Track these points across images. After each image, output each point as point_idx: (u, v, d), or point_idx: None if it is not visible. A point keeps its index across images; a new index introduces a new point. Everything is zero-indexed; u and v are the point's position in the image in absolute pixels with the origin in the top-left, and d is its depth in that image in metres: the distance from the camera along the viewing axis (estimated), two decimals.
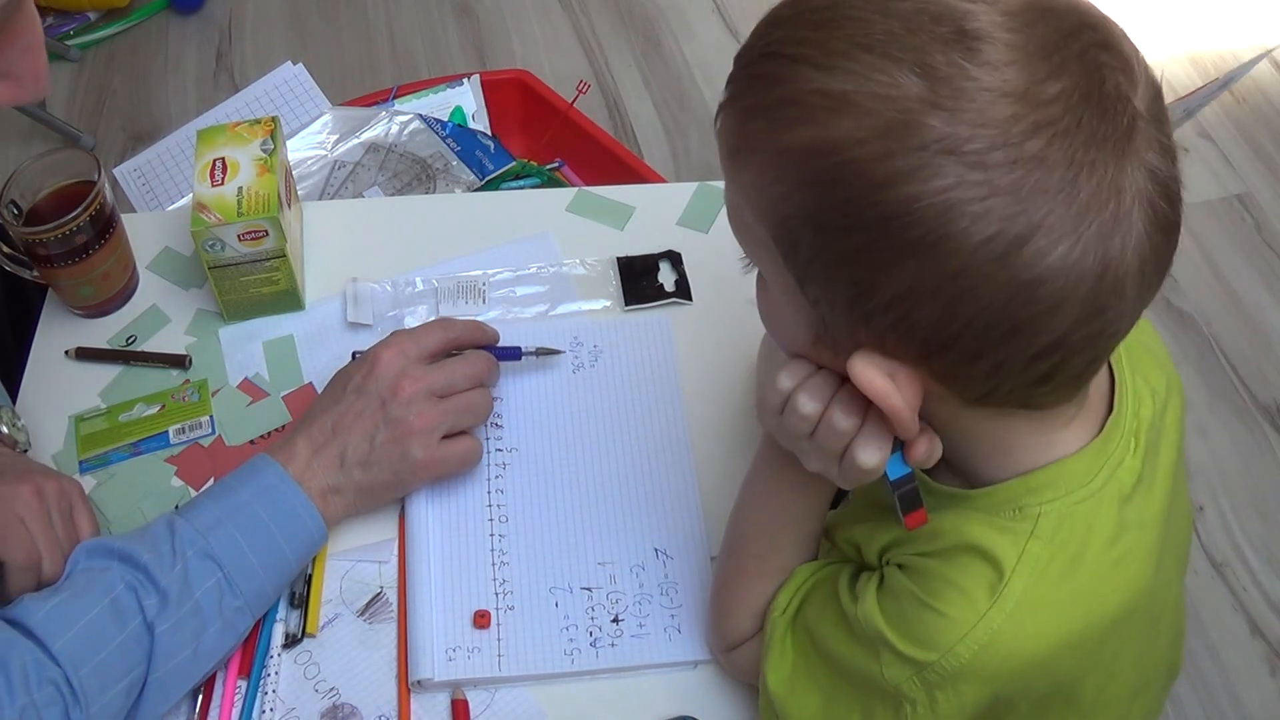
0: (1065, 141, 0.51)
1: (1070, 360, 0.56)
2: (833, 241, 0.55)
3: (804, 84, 0.53)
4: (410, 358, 0.89)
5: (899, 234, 0.52)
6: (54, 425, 0.97)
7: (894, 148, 0.51)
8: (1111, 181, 0.52)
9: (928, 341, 0.55)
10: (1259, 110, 2.21)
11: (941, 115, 0.50)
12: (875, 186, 0.52)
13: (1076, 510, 0.63)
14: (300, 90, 1.58)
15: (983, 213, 0.50)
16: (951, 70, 0.51)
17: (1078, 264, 0.52)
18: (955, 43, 0.51)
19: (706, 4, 2.43)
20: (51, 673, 0.72)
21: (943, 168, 0.50)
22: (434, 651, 0.83)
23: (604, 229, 1.09)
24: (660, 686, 0.83)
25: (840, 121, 0.52)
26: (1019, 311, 0.53)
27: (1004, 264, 0.51)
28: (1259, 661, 1.57)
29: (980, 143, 0.50)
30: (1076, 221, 0.51)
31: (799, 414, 0.62)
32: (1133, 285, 0.54)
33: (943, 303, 0.53)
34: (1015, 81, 0.51)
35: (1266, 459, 1.75)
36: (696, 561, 0.88)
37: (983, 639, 0.61)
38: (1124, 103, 0.52)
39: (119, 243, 1.01)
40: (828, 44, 0.53)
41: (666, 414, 0.96)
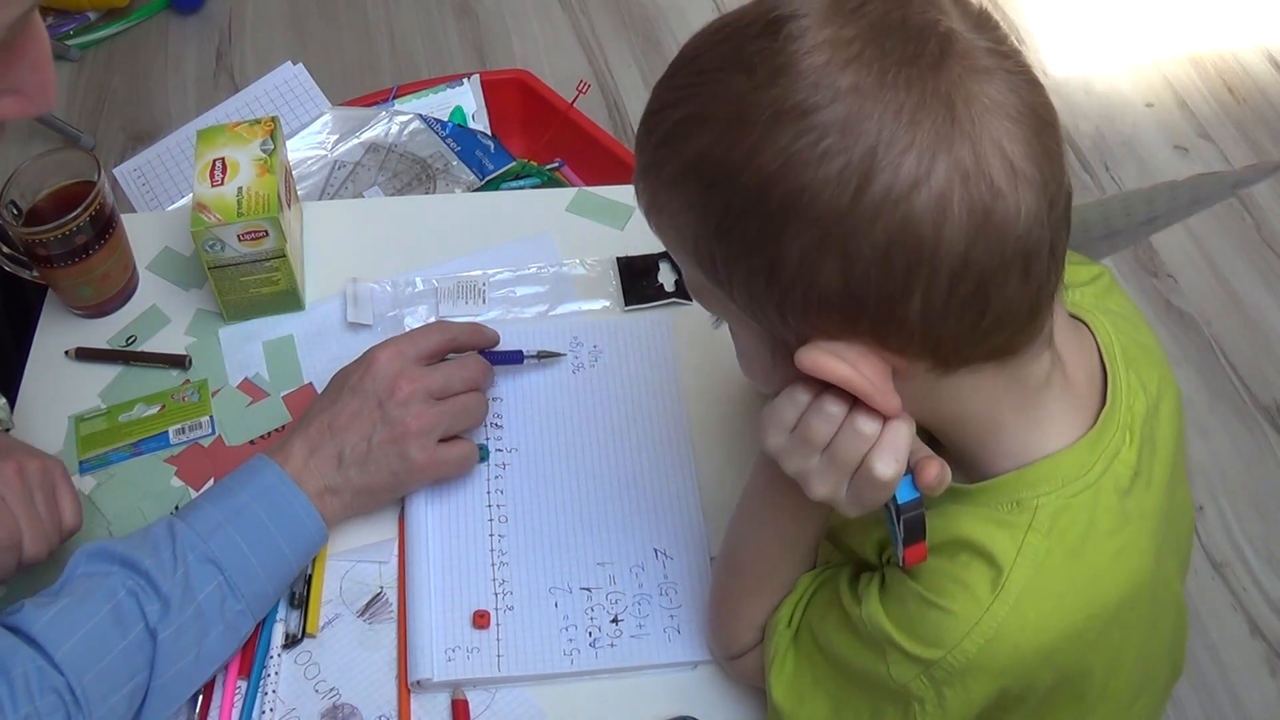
0: (874, 68, 0.54)
1: (991, 282, 0.56)
2: (729, 240, 0.58)
3: (666, 122, 0.60)
4: (408, 358, 0.89)
5: (766, 205, 0.55)
6: (54, 425, 0.97)
7: (735, 135, 0.56)
8: (933, 91, 0.53)
9: (844, 303, 0.57)
10: (1259, 110, 2.21)
11: (763, 90, 0.55)
12: (734, 174, 0.56)
13: (1074, 502, 0.63)
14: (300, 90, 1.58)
15: (823, 154, 0.53)
16: (764, 54, 0.56)
17: (931, 174, 0.53)
18: (761, 34, 0.56)
19: (706, 4, 2.43)
20: (54, 680, 0.72)
21: (777, 130, 0.54)
22: (433, 651, 0.83)
23: (604, 229, 1.09)
24: (660, 686, 0.83)
25: (695, 136, 0.58)
26: (904, 240, 0.54)
27: (863, 197, 0.53)
28: (1259, 661, 1.57)
29: (799, 95, 0.54)
30: (910, 133, 0.53)
31: (824, 414, 0.61)
32: (1005, 182, 0.54)
33: (834, 257, 0.55)
34: (816, 38, 0.55)
35: (1266, 459, 1.75)
36: (696, 562, 0.88)
37: (988, 633, 0.62)
38: (930, 26, 0.55)
39: (119, 243, 1.01)
40: (675, 83, 0.60)
41: (666, 414, 0.96)
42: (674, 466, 0.93)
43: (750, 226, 0.57)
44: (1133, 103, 2.22)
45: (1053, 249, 0.57)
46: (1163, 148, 2.15)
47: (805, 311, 0.58)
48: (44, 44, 0.61)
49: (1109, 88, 2.25)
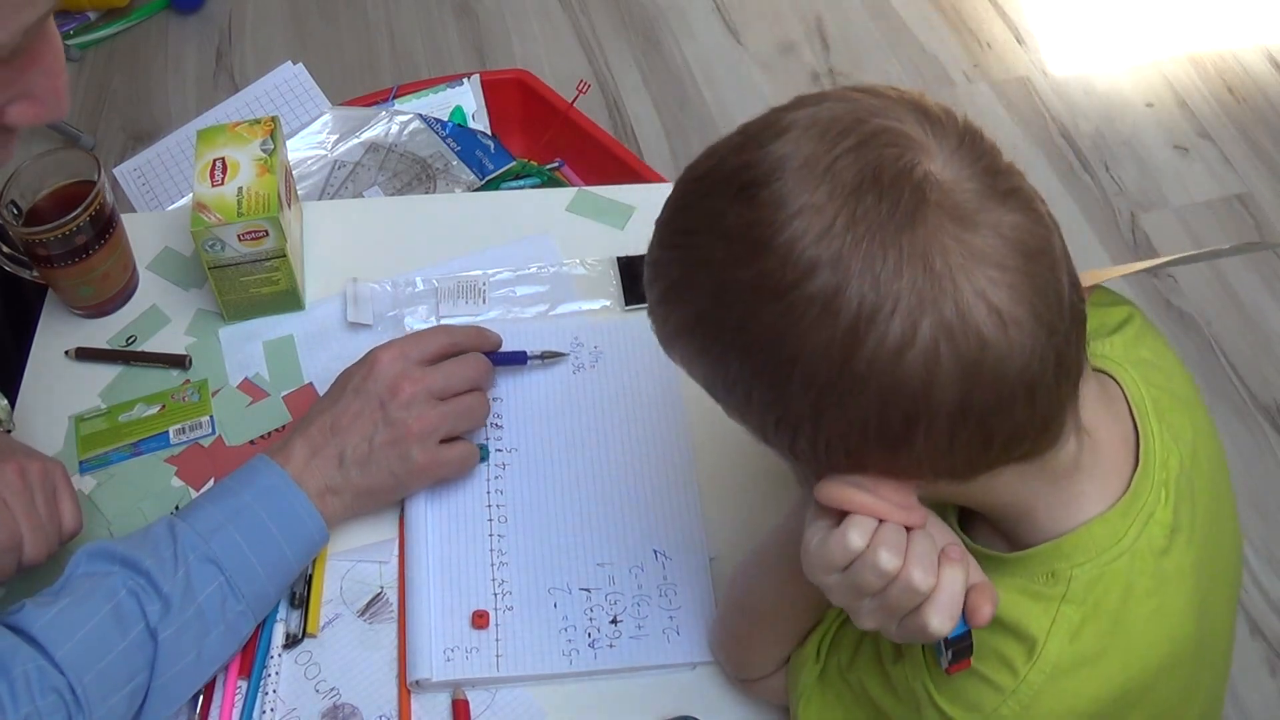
0: (848, 236, 0.53)
1: (994, 418, 0.56)
2: (736, 393, 0.61)
3: (661, 282, 0.62)
4: (410, 360, 0.89)
5: (761, 372, 0.57)
6: (54, 425, 0.97)
7: (722, 308, 0.58)
8: (911, 251, 0.53)
9: (850, 448, 0.58)
10: (1259, 110, 2.21)
11: (743, 266, 0.56)
12: (729, 340, 0.58)
13: (1109, 570, 0.63)
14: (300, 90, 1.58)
15: (808, 327, 0.54)
16: (740, 224, 0.56)
17: (917, 336, 0.53)
18: (737, 198, 0.57)
19: (706, 4, 2.43)
20: (54, 680, 0.72)
21: (760, 306, 0.56)
22: (432, 651, 0.83)
23: (604, 229, 1.09)
24: (661, 686, 0.83)
25: (684, 304, 0.60)
26: (897, 400, 0.55)
27: (852, 363, 0.54)
28: (1259, 661, 1.57)
29: (779, 273, 0.54)
30: (893, 301, 0.53)
31: (878, 570, 0.59)
32: (994, 332, 0.54)
33: (833, 415, 0.56)
34: (792, 206, 0.54)
35: (1266, 459, 1.75)
36: (695, 563, 0.88)
37: (1024, 700, 0.62)
38: (905, 174, 0.54)
39: (119, 243, 1.01)
40: (667, 240, 0.62)
41: (666, 415, 0.95)
42: (674, 467, 0.93)
43: (755, 384, 0.58)
44: (1133, 103, 2.23)
45: (1061, 364, 0.57)
46: (1163, 148, 2.15)
47: (814, 454, 0.59)
48: (58, 50, 0.61)
49: (1109, 88, 2.25)
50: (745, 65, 2.30)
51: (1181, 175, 2.10)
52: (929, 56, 2.33)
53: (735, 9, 2.41)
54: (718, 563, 0.88)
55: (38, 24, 0.56)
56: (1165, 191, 2.08)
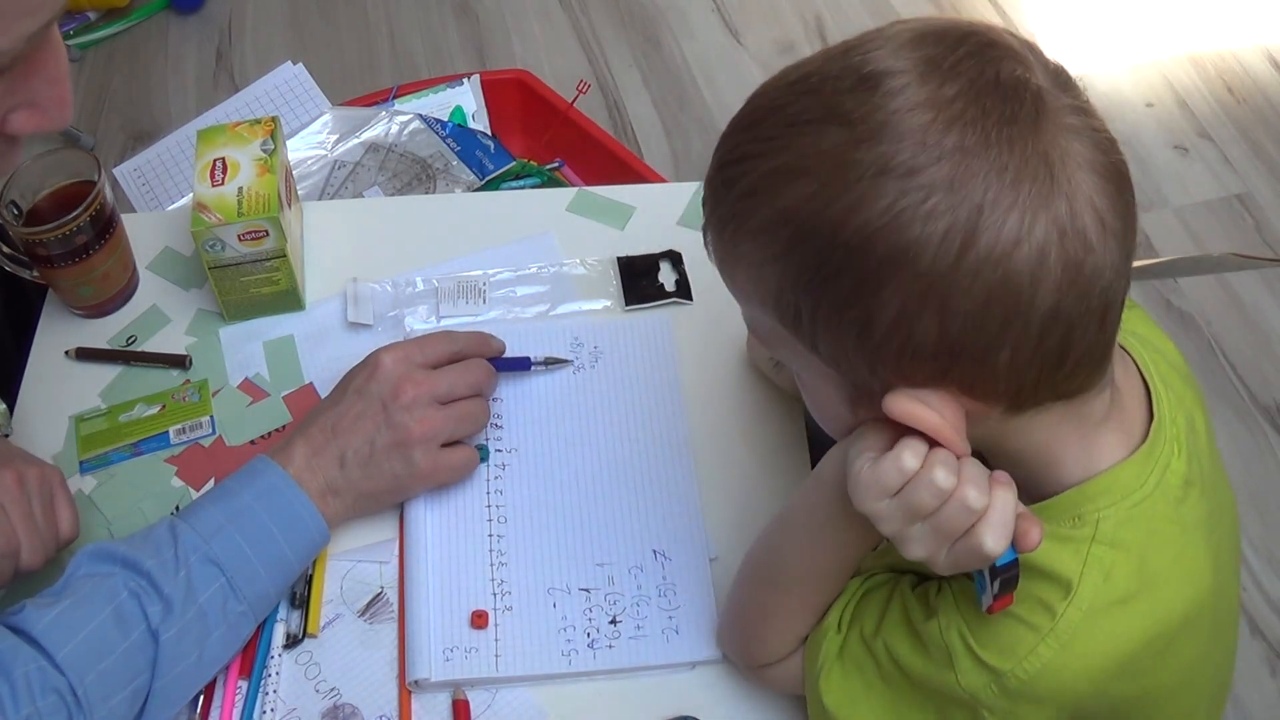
0: (978, 128, 0.55)
1: (1075, 331, 0.58)
2: (821, 294, 0.59)
3: (752, 173, 0.60)
4: (414, 363, 0.89)
5: (866, 261, 0.56)
6: (54, 425, 0.97)
7: (835, 189, 0.56)
8: (1034, 151, 0.55)
9: (938, 355, 0.58)
10: (1259, 110, 2.21)
11: (865, 146, 0.55)
12: (833, 229, 0.56)
13: (1134, 513, 0.64)
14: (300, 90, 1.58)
15: (929, 213, 0.54)
16: (862, 109, 0.56)
17: (1032, 232, 0.55)
18: (857, 88, 0.57)
19: (706, 4, 2.43)
20: (55, 681, 0.72)
21: (881, 187, 0.55)
22: (431, 651, 0.83)
23: (604, 229, 1.09)
24: (661, 686, 0.83)
25: (788, 188, 0.58)
26: (1002, 296, 0.55)
27: (967, 254, 0.55)
28: (1259, 661, 1.57)
29: (905, 154, 0.55)
30: (1014, 193, 0.54)
31: (934, 488, 0.60)
32: (1096, 236, 0.56)
33: (933, 312, 0.56)
34: (917, 95, 0.56)
35: (1266, 459, 1.75)
36: (695, 563, 0.88)
37: (1063, 639, 0.62)
38: (1022, 84, 0.56)
39: (119, 243, 1.01)
40: (760, 134, 0.60)
41: (666, 415, 0.96)
42: (673, 467, 0.93)
43: (846, 281, 0.57)
44: (1133, 103, 2.22)
45: (1125, 291, 0.60)
46: (1163, 148, 2.15)
47: (897, 363, 0.59)
48: (62, 58, 0.60)
49: (1109, 88, 2.25)
50: (745, 65, 2.30)
51: (1181, 175, 2.10)
52: None
53: (735, 9, 2.41)
54: (718, 563, 0.87)
55: (40, 32, 0.56)
56: (1165, 191, 2.08)
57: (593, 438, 0.94)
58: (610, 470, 0.92)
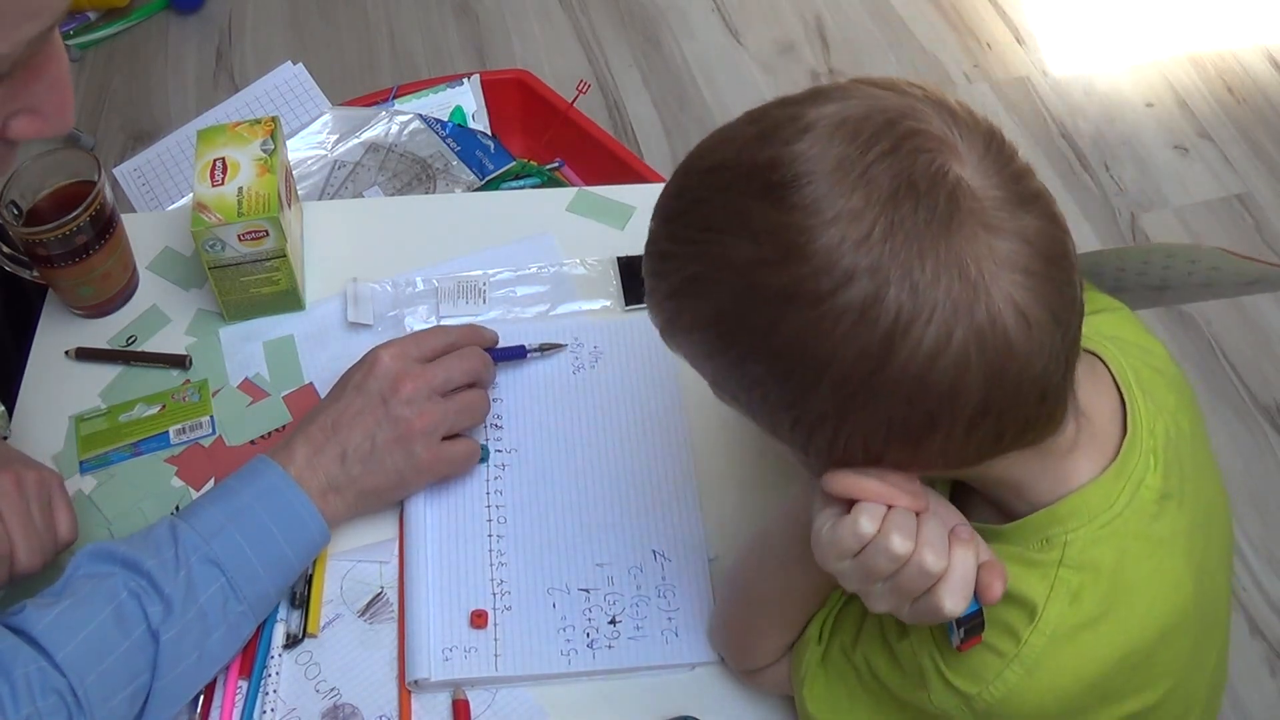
0: (889, 243, 0.53)
1: (1009, 414, 0.57)
2: (752, 393, 0.60)
3: (673, 275, 0.60)
4: (410, 357, 0.89)
5: (785, 374, 0.57)
6: (54, 425, 0.97)
7: (746, 306, 0.57)
8: (948, 257, 0.53)
9: (869, 449, 0.59)
10: (1259, 110, 2.21)
11: (775, 270, 0.55)
12: (750, 341, 0.57)
13: (1104, 533, 0.63)
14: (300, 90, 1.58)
15: (842, 335, 0.54)
16: (770, 227, 0.55)
17: (951, 342, 0.54)
18: (765, 196, 0.55)
19: (706, 4, 2.43)
20: (55, 682, 0.72)
21: (793, 311, 0.55)
22: (431, 651, 0.83)
23: (604, 229, 1.09)
24: (661, 686, 0.83)
25: (705, 298, 0.59)
26: (925, 400, 0.55)
27: (885, 369, 0.54)
28: (1259, 661, 1.57)
29: (811, 282, 0.54)
30: (929, 306, 0.53)
31: (890, 554, 0.60)
32: (1020, 334, 0.55)
33: (859, 411, 0.57)
34: (827, 211, 0.54)
35: (1266, 459, 1.75)
36: (695, 564, 0.88)
37: (1028, 664, 0.62)
38: (939, 182, 0.54)
39: (119, 243, 1.01)
40: (678, 232, 0.60)
41: (666, 415, 0.95)
42: (673, 468, 0.93)
43: (775, 385, 0.58)
44: (1133, 103, 2.22)
45: (1069, 358, 0.59)
46: (1163, 148, 2.15)
47: (830, 450, 0.60)
48: (63, 64, 0.60)
49: (1109, 88, 2.25)
50: (745, 65, 2.30)
51: (1181, 175, 2.10)
52: (929, 56, 2.33)
53: (735, 9, 2.41)
54: (717, 563, 0.87)
55: (41, 37, 0.55)
56: (1165, 191, 2.08)
57: (592, 438, 0.94)
58: (610, 471, 0.92)
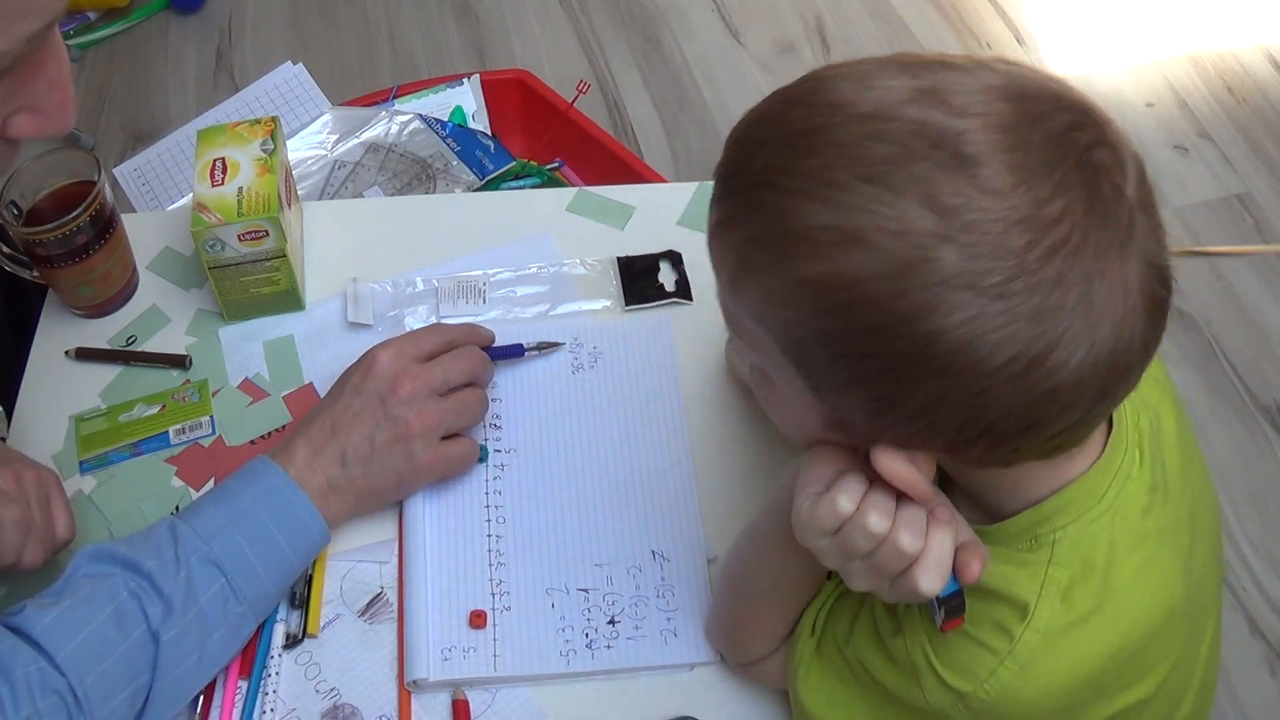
0: (1077, 259, 0.52)
1: (1080, 430, 0.59)
2: (852, 364, 0.56)
3: (809, 219, 0.54)
4: (408, 357, 0.89)
5: (920, 362, 0.53)
6: (54, 425, 0.97)
7: (911, 284, 0.52)
8: (1119, 282, 0.53)
9: (951, 442, 0.57)
10: (1259, 110, 2.21)
11: (954, 249, 0.51)
12: (895, 320, 0.52)
13: (1092, 529, 0.64)
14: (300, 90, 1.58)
15: (1005, 339, 0.52)
16: (958, 200, 0.51)
17: (1094, 364, 0.54)
18: (956, 169, 0.51)
19: (706, 4, 2.43)
20: (55, 682, 0.72)
21: (963, 301, 0.51)
22: (429, 651, 0.83)
23: (604, 229, 1.09)
24: (662, 687, 0.83)
25: (853, 257, 0.53)
26: (1039, 412, 0.55)
27: (1025, 379, 0.53)
28: (1259, 661, 1.57)
29: (998, 275, 0.51)
30: (1093, 331, 0.53)
31: (867, 533, 0.60)
32: (1137, 364, 0.57)
33: (965, 413, 0.55)
34: (1022, 207, 0.51)
35: (1266, 459, 1.75)
36: (694, 564, 0.88)
37: (1022, 662, 0.62)
38: (1121, 201, 0.53)
39: (119, 243, 1.01)
40: (824, 175, 0.54)
41: (666, 415, 0.95)
42: (672, 468, 0.93)
43: (885, 365, 0.55)
44: (1133, 103, 2.22)
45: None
46: (1163, 148, 2.14)
47: (901, 433, 0.58)
48: (63, 61, 0.59)
49: (1109, 88, 2.25)
50: (745, 65, 2.30)
51: (1181, 175, 2.10)
52: None
53: (735, 9, 2.41)
54: (716, 564, 0.87)
55: (40, 34, 0.55)
56: (1165, 191, 2.07)
57: (591, 438, 0.94)
58: (609, 471, 0.92)
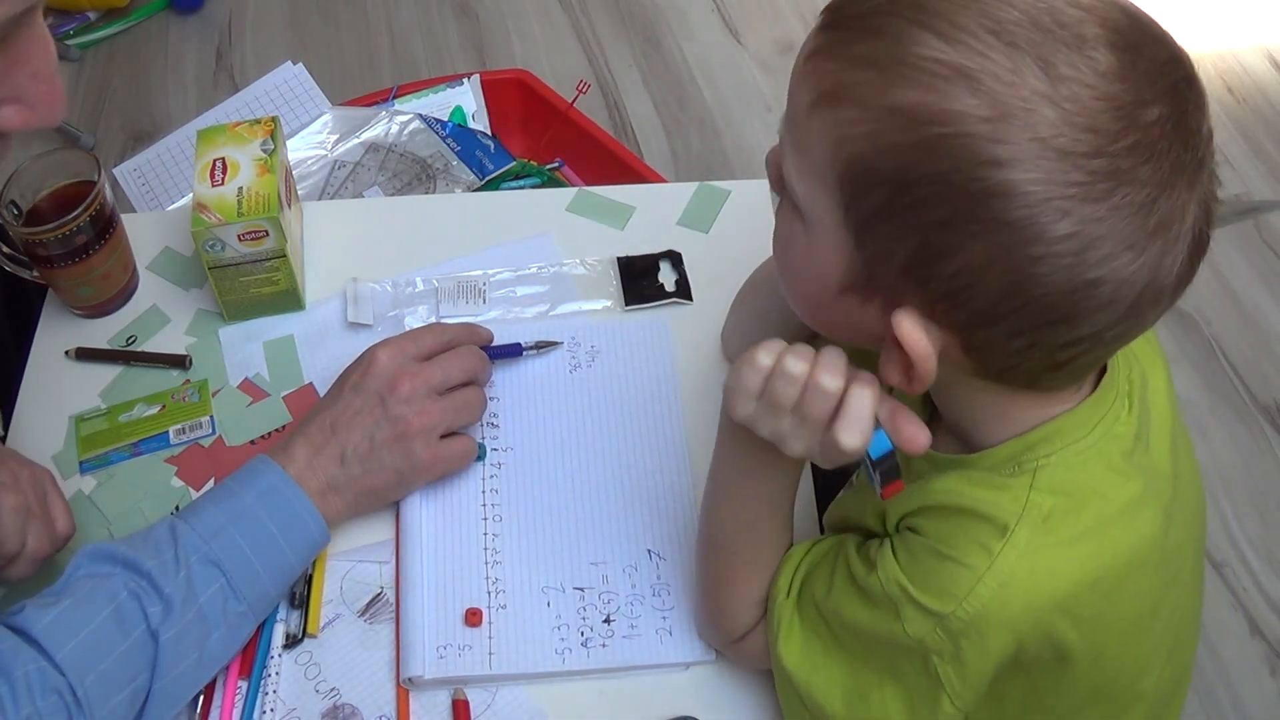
0: (1156, 164, 0.54)
1: (1091, 352, 0.60)
2: (913, 204, 0.56)
3: (925, 50, 0.55)
4: (407, 356, 0.89)
5: (989, 213, 0.54)
6: (54, 425, 0.97)
7: (1008, 132, 0.53)
8: (1180, 206, 0.56)
9: (979, 314, 0.58)
10: (1259, 110, 2.21)
11: (1057, 112, 0.53)
12: (980, 164, 0.54)
13: (1075, 460, 0.65)
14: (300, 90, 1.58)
15: (1070, 210, 0.54)
16: (1071, 71, 0.54)
17: (1135, 274, 0.56)
18: (1075, 47, 0.54)
19: (706, 4, 2.43)
20: (55, 681, 0.72)
21: (1049, 162, 0.53)
22: (425, 649, 0.83)
23: (604, 229, 1.09)
24: (662, 686, 0.83)
25: (959, 94, 0.54)
26: (1074, 304, 0.56)
27: (1076, 260, 0.55)
28: (1259, 661, 1.57)
29: (1085, 147, 0.53)
30: (1147, 239, 0.55)
31: (788, 377, 0.63)
32: (1167, 298, 0.59)
33: (1008, 282, 0.56)
34: (1123, 98, 0.54)
35: (1266, 459, 1.75)
36: (690, 563, 0.87)
37: (1000, 577, 0.63)
38: (1198, 135, 0.56)
39: (119, 243, 1.01)
40: (955, 18, 0.55)
41: (663, 414, 0.96)
42: (669, 467, 0.93)
43: (949, 211, 0.55)
44: None
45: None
46: None
47: (933, 294, 0.58)
48: (48, 52, 0.58)
49: None
50: (745, 65, 2.30)
51: None
52: None
53: (735, 9, 2.41)
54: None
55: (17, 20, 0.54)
56: None
57: (589, 437, 0.94)
58: (606, 469, 0.92)
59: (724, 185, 1.11)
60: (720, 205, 1.08)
